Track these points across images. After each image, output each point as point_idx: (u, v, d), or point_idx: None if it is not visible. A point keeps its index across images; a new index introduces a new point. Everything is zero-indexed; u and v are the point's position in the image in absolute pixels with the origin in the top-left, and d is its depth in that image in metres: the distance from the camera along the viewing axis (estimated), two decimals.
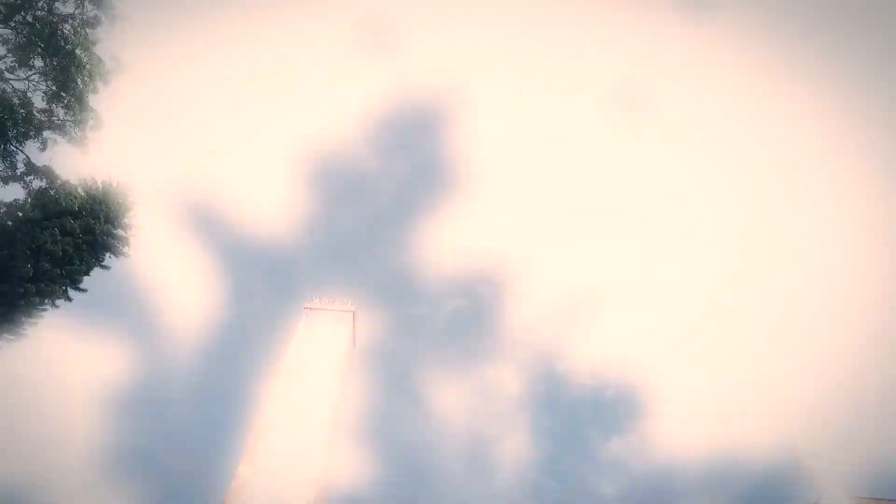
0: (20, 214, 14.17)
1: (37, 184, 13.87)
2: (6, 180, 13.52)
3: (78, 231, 14.28)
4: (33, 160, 13.71)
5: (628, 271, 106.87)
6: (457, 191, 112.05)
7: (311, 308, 24.37)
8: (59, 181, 14.03)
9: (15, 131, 13.57)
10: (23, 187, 13.99)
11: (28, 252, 13.53)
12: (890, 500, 27.52)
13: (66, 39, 12.69)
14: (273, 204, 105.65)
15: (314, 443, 17.62)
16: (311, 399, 19.25)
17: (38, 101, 13.68)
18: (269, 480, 16.28)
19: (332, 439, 19.45)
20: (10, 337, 13.40)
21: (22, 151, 13.75)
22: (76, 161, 14.54)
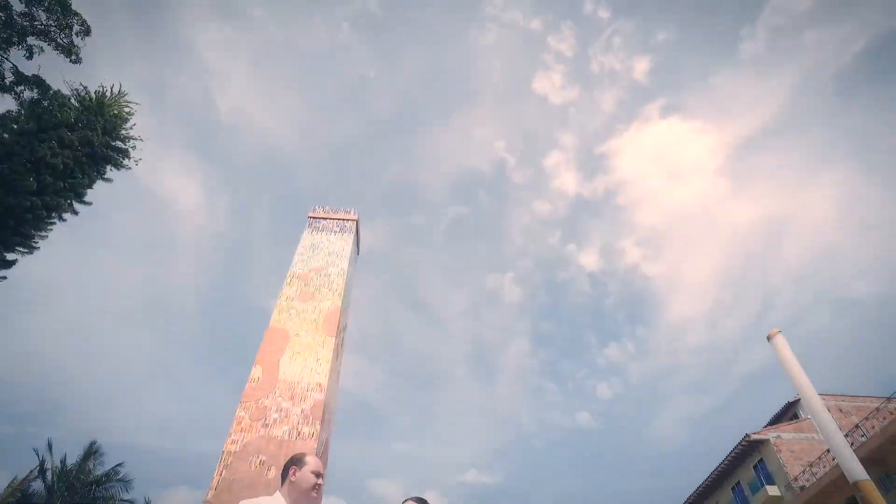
0: (14, 126, 13.86)
1: (28, 95, 13.44)
2: None
3: (76, 143, 14.05)
4: (21, 69, 13.18)
5: (631, 177, 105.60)
6: (458, 98, 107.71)
7: (315, 216, 24.52)
8: (50, 91, 13.57)
9: None
10: (14, 98, 13.56)
11: (28, 165, 13.40)
12: (865, 395, 29.25)
13: None
14: (274, 113, 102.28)
15: (322, 347, 18.50)
16: (318, 305, 19.94)
17: (17, 4, 12.89)
18: (281, 381, 17.30)
19: (339, 343, 20.37)
20: (23, 250, 13.64)
21: (7, 59, 13.17)
22: (66, 70, 13.97)
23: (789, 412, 29.87)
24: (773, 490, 25.51)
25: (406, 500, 2.81)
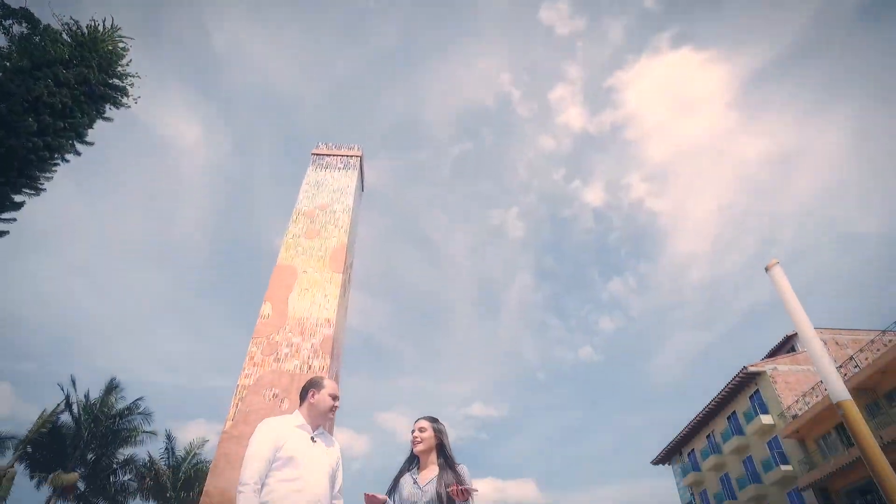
0: (7, 64, 13.56)
1: (17, 29, 12.99)
2: None
3: (72, 81, 13.77)
4: (6, 2, 12.67)
5: (638, 107, 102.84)
6: (461, 28, 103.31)
7: (318, 153, 24.31)
8: (41, 26, 13.12)
9: None
10: (3, 32, 13.12)
11: (26, 105, 13.22)
12: (862, 329, 29.79)
13: None
14: (272, 48, 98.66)
15: (330, 283, 18.84)
16: (324, 242, 20.13)
17: None
18: (291, 317, 17.75)
19: (346, 280, 20.72)
20: (30, 192, 13.70)
21: None
22: (54, 3, 13.43)
23: (787, 345, 30.57)
24: (766, 419, 26.57)
25: (418, 420, 2.99)
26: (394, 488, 2.90)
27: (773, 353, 31.08)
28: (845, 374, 22.22)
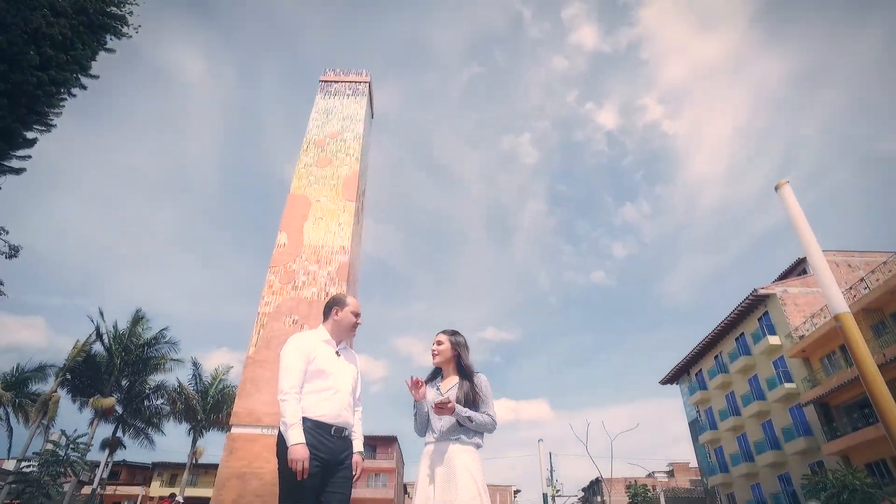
0: None
1: None
2: None
3: (69, 11, 13.43)
4: None
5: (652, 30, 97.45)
6: None
7: (326, 80, 23.81)
8: None
9: None
10: None
11: (25, 37, 12.98)
12: (875, 251, 29.59)
13: None
14: None
15: (343, 211, 19.01)
16: (336, 170, 20.12)
17: None
18: (306, 245, 18.07)
19: (359, 207, 20.85)
20: (40, 128, 13.73)
21: None
22: None
23: (798, 268, 30.65)
24: (773, 339, 27.12)
25: (439, 334, 3.18)
26: None
27: (785, 276, 31.22)
28: (854, 296, 22.40)
